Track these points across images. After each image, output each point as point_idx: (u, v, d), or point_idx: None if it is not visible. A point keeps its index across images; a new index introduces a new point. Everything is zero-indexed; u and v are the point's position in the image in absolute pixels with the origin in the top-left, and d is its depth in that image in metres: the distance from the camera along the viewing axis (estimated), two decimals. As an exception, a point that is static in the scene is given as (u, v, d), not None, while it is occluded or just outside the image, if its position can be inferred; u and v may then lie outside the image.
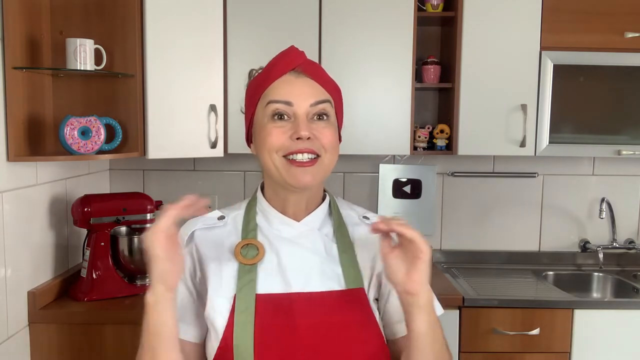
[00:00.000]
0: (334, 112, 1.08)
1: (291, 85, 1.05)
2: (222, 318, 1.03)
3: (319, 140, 1.03)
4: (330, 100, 1.08)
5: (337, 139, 1.08)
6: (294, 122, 1.03)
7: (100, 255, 1.99)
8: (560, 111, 2.27)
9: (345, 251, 1.08)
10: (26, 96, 1.78)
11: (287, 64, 1.06)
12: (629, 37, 2.22)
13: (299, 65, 1.07)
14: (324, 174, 1.07)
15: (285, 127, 1.03)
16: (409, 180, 2.57)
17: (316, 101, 1.04)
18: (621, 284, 2.44)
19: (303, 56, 1.09)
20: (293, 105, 1.03)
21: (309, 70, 1.07)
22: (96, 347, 1.86)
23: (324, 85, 1.08)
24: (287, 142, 1.02)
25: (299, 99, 1.03)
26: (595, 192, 2.61)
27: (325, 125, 1.05)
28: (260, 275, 1.05)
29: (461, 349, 2.06)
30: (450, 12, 2.29)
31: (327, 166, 1.06)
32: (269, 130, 1.03)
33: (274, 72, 1.06)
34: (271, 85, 1.06)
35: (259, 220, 1.12)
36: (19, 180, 1.77)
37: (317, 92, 1.06)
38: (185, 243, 1.11)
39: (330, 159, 1.06)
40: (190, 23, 2.05)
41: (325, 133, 1.04)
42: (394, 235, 0.99)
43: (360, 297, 1.05)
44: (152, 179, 2.58)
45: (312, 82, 1.06)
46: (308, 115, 1.03)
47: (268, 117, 1.04)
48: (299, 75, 1.06)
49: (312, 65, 1.09)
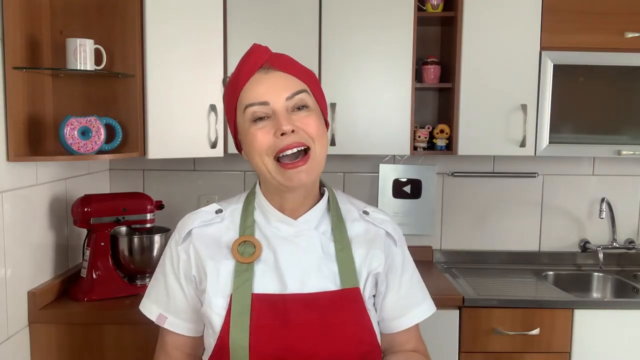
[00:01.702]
0: (312, 100, 1.07)
1: (262, 83, 1.04)
2: (219, 317, 1.04)
3: (303, 130, 1.02)
4: (307, 89, 1.06)
5: (323, 126, 1.07)
6: (274, 119, 1.02)
7: (100, 255, 1.99)
8: (560, 111, 2.27)
9: (342, 249, 1.08)
10: (26, 96, 1.78)
11: (254, 63, 1.05)
12: (629, 37, 2.22)
13: (266, 61, 1.05)
14: (317, 167, 1.06)
15: (267, 127, 1.02)
16: (409, 180, 2.58)
17: (291, 93, 1.03)
18: (621, 284, 2.44)
19: (268, 51, 1.07)
20: (269, 104, 1.02)
21: (277, 64, 1.05)
22: (96, 347, 1.86)
23: (296, 75, 1.06)
24: (273, 141, 1.01)
25: (273, 96, 1.02)
26: (595, 192, 2.61)
27: (307, 114, 1.04)
28: (257, 273, 1.05)
29: (461, 349, 2.06)
30: (450, 12, 2.29)
31: (319, 157, 1.05)
32: (252, 134, 1.03)
33: (243, 75, 1.05)
34: (243, 88, 1.04)
35: (256, 216, 1.12)
36: (19, 180, 1.77)
37: (291, 84, 1.04)
38: (182, 240, 1.12)
39: (320, 148, 1.05)
40: (190, 23, 2.05)
41: (308, 122, 1.03)
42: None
43: (356, 297, 1.05)
44: (152, 179, 2.58)
45: (284, 75, 1.05)
46: (287, 109, 1.03)
47: (248, 121, 1.03)
48: (268, 71, 1.04)
49: (280, 57, 1.07)
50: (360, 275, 1.08)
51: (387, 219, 1.17)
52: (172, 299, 1.13)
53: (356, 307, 1.05)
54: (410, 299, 1.14)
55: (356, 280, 1.06)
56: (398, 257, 1.14)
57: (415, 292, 1.16)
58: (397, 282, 1.13)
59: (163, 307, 1.14)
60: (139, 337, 1.85)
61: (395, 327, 1.13)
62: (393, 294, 1.12)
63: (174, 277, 1.12)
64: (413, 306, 1.14)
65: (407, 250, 1.18)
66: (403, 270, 1.14)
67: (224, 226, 1.12)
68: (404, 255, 1.16)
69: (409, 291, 1.14)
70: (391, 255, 1.13)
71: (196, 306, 1.11)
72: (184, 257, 1.11)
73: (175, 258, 1.12)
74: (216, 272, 1.06)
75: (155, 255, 2.08)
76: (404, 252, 1.16)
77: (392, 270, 1.13)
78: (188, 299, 1.12)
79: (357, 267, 1.08)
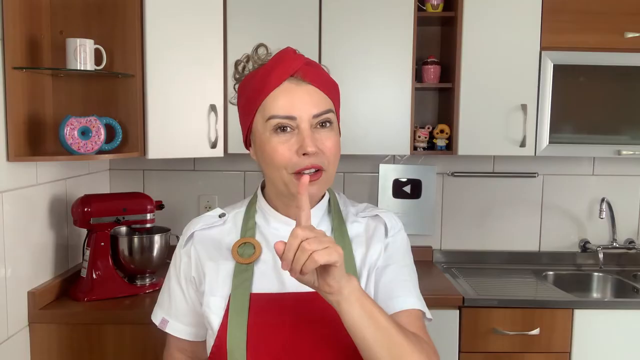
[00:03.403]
0: (336, 118, 1.06)
1: (292, 95, 1.00)
2: (217, 317, 1.04)
3: (324, 153, 1.01)
4: (333, 110, 1.05)
5: (339, 145, 1.06)
6: (298, 134, 1.00)
7: (100, 255, 1.99)
8: (560, 111, 2.27)
9: (342, 249, 1.07)
10: (26, 96, 1.78)
11: (285, 69, 1.01)
12: (629, 37, 2.22)
13: (298, 71, 1.02)
14: (328, 184, 1.07)
15: (290, 142, 1.00)
16: (409, 180, 2.58)
17: (319, 112, 1.01)
18: (621, 284, 2.44)
19: (301, 59, 1.04)
20: (296, 119, 1.00)
21: (308, 76, 1.03)
22: (96, 347, 1.86)
23: (325, 91, 1.04)
24: (295, 159, 0.99)
25: (301, 112, 1.00)
26: (595, 192, 2.61)
27: (329, 134, 1.03)
28: (256, 274, 1.06)
29: (461, 349, 2.06)
30: (450, 12, 2.29)
31: (330, 176, 1.06)
32: (273, 147, 1.00)
33: (272, 80, 1.01)
34: (270, 94, 1.01)
35: (257, 218, 1.12)
36: (19, 180, 1.77)
37: (320, 102, 1.02)
38: (184, 244, 1.12)
39: (333, 169, 1.05)
40: (190, 23, 2.05)
41: (329, 145, 1.02)
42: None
43: None
44: (152, 179, 2.58)
45: (313, 90, 1.02)
46: (312, 125, 1.01)
47: (269, 131, 1.01)
48: (299, 83, 1.02)
49: (311, 69, 1.04)
50: (360, 275, 1.07)
51: (386, 211, 1.16)
52: (173, 303, 1.13)
53: None
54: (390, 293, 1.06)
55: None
56: (390, 246, 1.10)
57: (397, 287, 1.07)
58: (380, 271, 1.08)
59: (165, 311, 1.15)
60: (139, 337, 1.85)
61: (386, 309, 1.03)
62: (380, 281, 1.07)
63: (176, 280, 1.13)
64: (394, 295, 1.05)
65: (403, 244, 1.13)
66: (390, 261, 1.09)
67: (226, 229, 1.12)
68: (395, 247, 1.11)
69: (390, 285, 1.07)
70: (387, 246, 1.10)
71: (197, 309, 1.11)
72: (185, 260, 1.11)
73: (178, 261, 1.13)
74: (215, 273, 1.07)
75: (155, 255, 2.08)
76: (395, 243, 1.11)
77: (384, 258, 1.09)
78: (188, 302, 1.12)
79: (357, 267, 1.07)
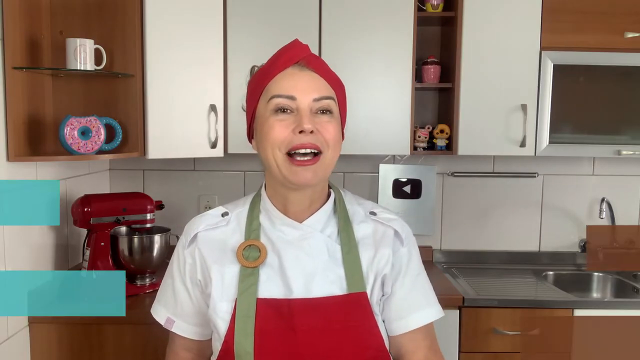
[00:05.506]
0: (337, 109, 1.07)
1: (294, 78, 1.03)
2: (224, 322, 1.03)
3: (322, 134, 1.01)
4: (334, 98, 1.06)
5: (340, 135, 1.07)
6: (297, 115, 1.01)
7: (100, 255, 1.99)
8: (560, 111, 2.27)
9: (349, 252, 1.06)
10: (26, 96, 1.78)
11: (291, 56, 1.04)
12: (629, 37, 2.22)
13: (303, 59, 1.05)
14: (325, 171, 1.05)
15: (288, 121, 1.01)
16: (409, 180, 2.57)
17: (320, 96, 1.03)
18: (621, 284, 2.44)
19: (307, 49, 1.06)
20: (296, 100, 1.01)
21: (313, 64, 1.05)
22: (96, 347, 1.86)
23: (328, 81, 1.06)
24: (290, 136, 1.00)
25: (302, 93, 1.01)
26: (595, 192, 2.61)
27: (329, 120, 1.04)
28: (262, 278, 1.04)
29: (461, 349, 2.06)
30: (450, 12, 2.29)
31: (328, 163, 1.05)
32: (271, 124, 1.02)
33: (277, 65, 1.04)
34: (274, 78, 1.04)
35: (262, 220, 1.11)
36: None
37: (321, 87, 1.04)
38: (188, 244, 1.11)
39: (331, 155, 1.04)
40: (190, 23, 2.04)
41: (329, 128, 1.03)
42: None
43: (362, 302, 1.03)
44: (152, 179, 2.58)
45: (316, 76, 1.04)
46: (312, 109, 1.02)
47: (270, 111, 1.02)
48: (303, 69, 1.04)
49: (317, 59, 1.07)
50: (367, 279, 1.05)
51: (396, 217, 1.14)
52: (179, 303, 1.13)
53: (362, 312, 1.03)
54: (410, 302, 1.10)
55: (363, 284, 1.04)
56: (404, 257, 1.11)
57: (417, 295, 1.11)
58: (399, 282, 1.09)
59: (171, 311, 1.14)
60: (139, 337, 1.84)
61: (397, 330, 1.09)
62: (395, 295, 1.09)
63: (181, 280, 1.12)
64: (413, 310, 1.09)
65: (415, 251, 1.14)
66: (407, 271, 1.10)
67: (229, 229, 1.11)
68: (410, 256, 1.12)
69: (410, 294, 1.10)
70: (398, 255, 1.10)
71: (202, 310, 1.11)
72: (190, 261, 1.10)
73: (182, 262, 1.12)
74: (221, 277, 1.06)
75: (155, 255, 2.08)
76: (410, 253, 1.12)
77: (397, 270, 1.09)
78: (194, 302, 1.11)
79: (364, 270, 1.06)
